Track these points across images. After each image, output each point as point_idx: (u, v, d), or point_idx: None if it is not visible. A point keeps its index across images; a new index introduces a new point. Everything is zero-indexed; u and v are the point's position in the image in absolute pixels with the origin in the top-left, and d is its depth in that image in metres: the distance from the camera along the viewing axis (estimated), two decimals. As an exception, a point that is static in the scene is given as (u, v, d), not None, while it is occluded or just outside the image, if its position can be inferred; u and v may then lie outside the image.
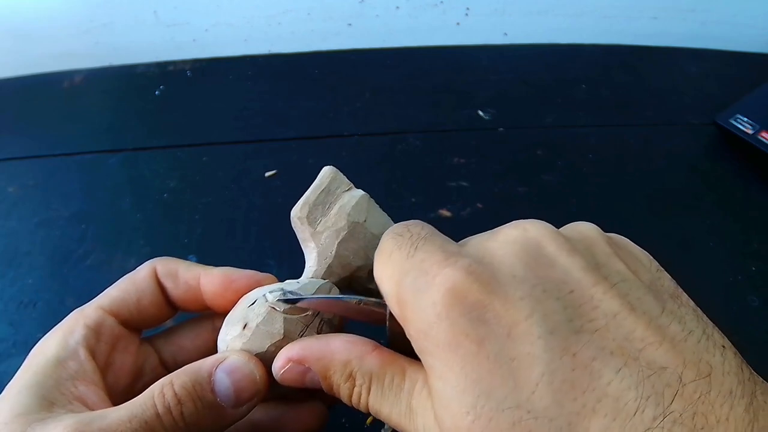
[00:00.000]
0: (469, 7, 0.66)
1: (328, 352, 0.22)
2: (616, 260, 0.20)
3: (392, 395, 0.21)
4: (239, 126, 0.55)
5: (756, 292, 0.42)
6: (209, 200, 0.48)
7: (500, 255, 0.20)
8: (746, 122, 0.51)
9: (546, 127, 0.55)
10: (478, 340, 0.18)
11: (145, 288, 0.27)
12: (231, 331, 0.24)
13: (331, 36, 0.67)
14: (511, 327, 0.18)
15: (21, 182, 0.50)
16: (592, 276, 0.19)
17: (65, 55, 0.64)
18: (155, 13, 0.64)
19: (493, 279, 0.19)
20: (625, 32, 0.66)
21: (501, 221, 0.50)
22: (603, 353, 0.17)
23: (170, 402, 0.22)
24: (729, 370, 0.17)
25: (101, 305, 0.26)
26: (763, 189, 0.49)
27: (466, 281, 0.19)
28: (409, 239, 0.21)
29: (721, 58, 0.63)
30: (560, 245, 0.20)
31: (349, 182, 0.28)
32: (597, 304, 0.18)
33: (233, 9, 0.65)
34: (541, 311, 0.18)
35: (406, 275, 0.20)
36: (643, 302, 0.18)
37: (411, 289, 0.20)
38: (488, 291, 0.18)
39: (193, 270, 0.27)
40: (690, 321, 0.18)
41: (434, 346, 0.19)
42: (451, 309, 0.18)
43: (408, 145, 0.53)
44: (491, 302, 0.18)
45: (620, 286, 0.19)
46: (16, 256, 0.44)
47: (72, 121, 0.56)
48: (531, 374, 0.17)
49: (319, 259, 0.26)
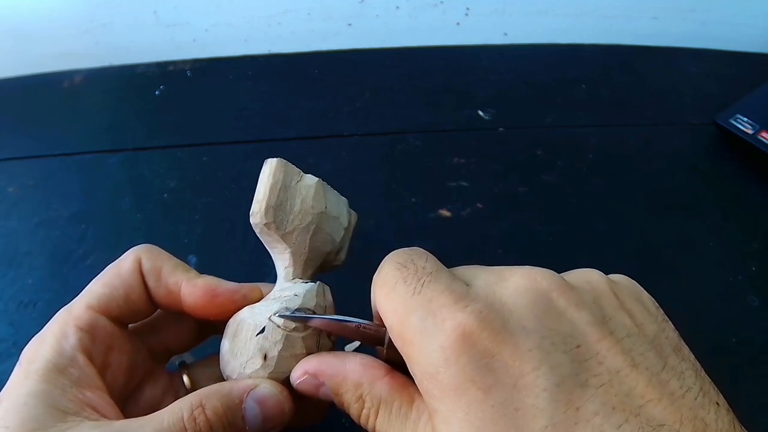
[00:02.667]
0: (469, 7, 0.66)
1: (343, 371, 0.23)
2: (623, 314, 0.20)
3: (398, 423, 0.22)
4: (239, 126, 0.55)
5: (756, 292, 0.42)
6: (209, 200, 0.48)
7: (511, 303, 0.20)
8: (746, 122, 0.51)
9: (546, 127, 0.55)
10: (485, 388, 0.18)
11: (132, 283, 0.26)
12: (250, 365, 0.24)
13: (331, 36, 0.67)
14: (518, 378, 0.18)
15: (21, 182, 0.50)
16: (599, 331, 0.19)
17: (65, 55, 0.64)
18: (155, 13, 0.64)
19: (503, 328, 0.19)
20: (625, 32, 0.66)
21: (501, 221, 0.50)
22: (605, 408, 0.17)
23: (202, 427, 0.22)
24: (722, 428, 0.18)
25: (90, 305, 0.25)
26: (763, 189, 0.49)
27: (477, 328, 0.19)
28: (414, 274, 0.21)
29: (721, 58, 0.63)
30: (569, 299, 0.20)
31: (298, 170, 0.27)
32: (602, 360, 0.18)
33: (233, 9, 0.65)
34: (548, 364, 0.18)
35: (413, 313, 0.20)
36: (646, 358, 0.19)
37: (418, 329, 0.20)
38: (498, 340, 0.19)
39: (176, 275, 0.27)
40: (689, 377, 0.19)
41: (439, 390, 0.19)
42: (459, 355, 0.19)
43: (408, 145, 0.53)
44: (500, 351, 0.18)
45: (625, 342, 0.19)
46: (16, 256, 0.44)
47: (72, 121, 0.56)
48: (534, 426, 0.17)
49: (295, 258, 0.26)
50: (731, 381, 0.39)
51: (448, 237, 0.45)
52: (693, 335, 0.40)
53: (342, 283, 0.29)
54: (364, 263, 0.26)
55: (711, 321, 0.40)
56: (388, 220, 0.46)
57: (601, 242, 0.45)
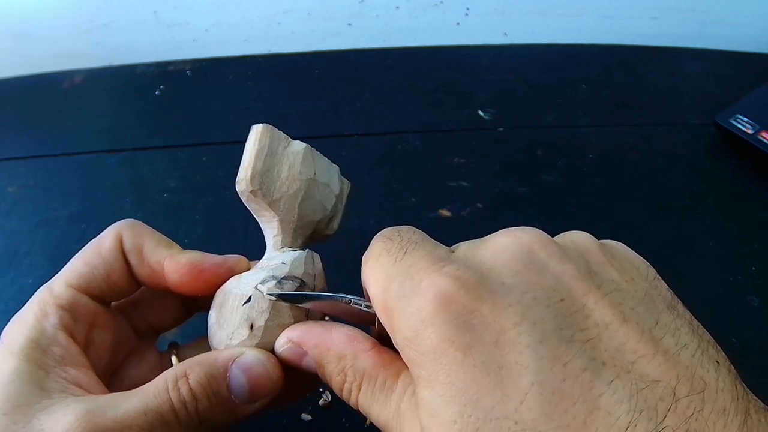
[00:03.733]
0: (469, 7, 0.66)
1: (327, 342, 0.22)
2: (610, 269, 0.20)
3: (382, 397, 0.21)
4: (239, 126, 0.54)
5: (756, 292, 0.42)
6: (209, 200, 0.48)
7: (490, 262, 0.19)
8: (746, 122, 0.51)
9: (546, 127, 0.55)
10: (465, 347, 0.17)
11: (113, 262, 0.26)
12: (236, 335, 0.24)
13: (331, 36, 0.67)
14: (499, 334, 0.17)
15: (21, 182, 0.50)
16: (584, 284, 0.18)
17: (65, 55, 0.64)
18: (155, 13, 0.64)
19: (480, 285, 0.18)
20: (625, 32, 0.66)
21: (501, 221, 0.50)
22: (594, 364, 0.17)
23: (185, 396, 0.21)
24: (723, 387, 0.17)
25: (70, 283, 0.25)
26: (763, 189, 0.49)
27: (452, 287, 0.18)
28: (398, 243, 0.21)
29: (721, 58, 0.63)
30: (552, 252, 0.19)
31: (286, 136, 0.26)
32: (588, 314, 0.18)
33: (233, 9, 0.65)
34: (530, 319, 0.17)
35: (393, 280, 0.20)
36: (637, 313, 0.18)
37: (397, 294, 0.19)
38: (476, 297, 0.18)
39: (159, 252, 0.26)
40: (685, 334, 0.18)
41: (420, 354, 0.18)
42: (436, 315, 0.18)
43: (408, 145, 0.53)
44: (478, 308, 0.18)
45: (613, 296, 0.18)
46: (16, 256, 0.44)
47: (72, 121, 0.56)
48: (520, 384, 0.17)
49: (283, 227, 0.25)
50: (731, 381, 0.39)
51: (448, 237, 0.45)
52: (693, 335, 0.40)
53: (342, 283, 0.29)
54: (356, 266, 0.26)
55: (711, 321, 0.40)
56: (388, 220, 0.46)
57: (601, 242, 0.45)
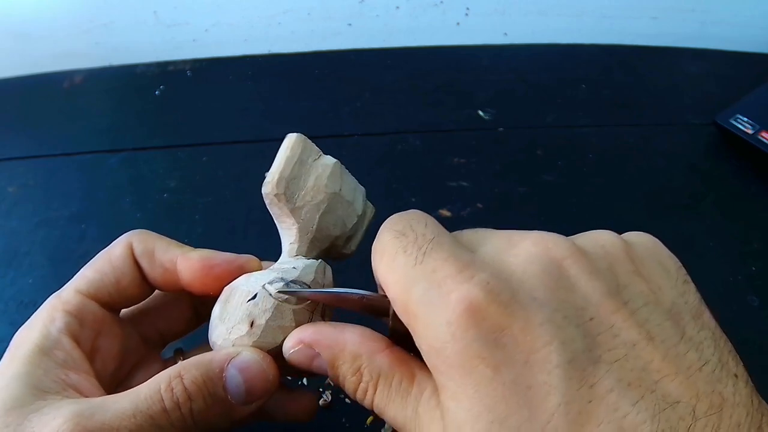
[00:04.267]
0: (469, 7, 0.66)
1: (340, 342, 0.22)
2: (639, 280, 0.19)
3: (399, 398, 0.21)
4: (239, 126, 0.55)
5: (756, 292, 0.42)
6: (209, 200, 0.48)
7: (520, 273, 0.19)
8: (746, 122, 0.51)
9: (546, 127, 0.55)
10: (495, 364, 0.17)
11: (123, 267, 0.26)
12: (236, 331, 0.24)
13: (331, 36, 0.67)
14: (529, 353, 0.17)
15: (21, 182, 0.50)
16: (613, 302, 0.18)
17: (65, 55, 0.64)
18: (155, 13, 0.64)
19: (513, 300, 0.18)
20: (625, 32, 0.66)
21: (501, 221, 0.50)
22: (620, 385, 0.17)
23: (179, 397, 0.21)
24: (739, 401, 0.17)
25: (79, 289, 0.25)
26: (763, 189, 0.49)
27: (484, 301, 0.18)
28: (414, 242, 0.20)
29: (721, 58, 0.63)
30: (582, 267, 0.19)
31: (318, 149, 0.26)
32: (617, 333, 0.18)
33: (233, 9, 0.65)
34: (560, 339, 0.17)
35: (416, 285, 0.19)
36: (663, 329, 0.18)
37: (422, 302, 0.19)
38: (508, 313, 0.18)
39: (171, 251, 0.26)
40: (707, 348, 0.18)
41: (447, 366, 0.18)
42: (467, 330, 0.18)
43: (408, 145, 0.53)
44: (510, 325, 0.18)
45: (641, 312, 0.18)
46: (16, 256, 0.44)
47: (72, 121, 0.56)
48: (547, 404, 0.17)
49: (301, 235, 0.26)
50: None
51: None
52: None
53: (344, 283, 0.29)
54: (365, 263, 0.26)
55: (711, 321, 0.40)
56: (388, 220, 0.46)
57: (601, 242, 0.45)
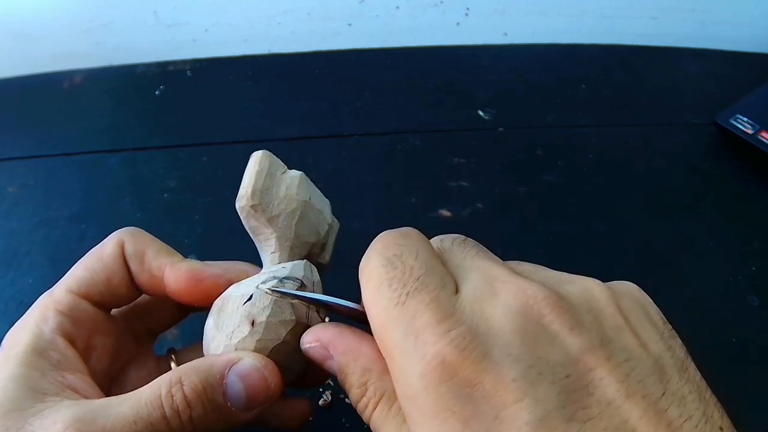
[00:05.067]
0: (469, 7, 0.66)
1: (355, 352, 0.22)
2: (626, 333, 0.19)
3: (395, 422, 0.21)
4: (239, 126, 0.55)
5: (756, 292, 0.42)
6: (209, 200, 0.48)
7: (498, 327, 0.19)
8: (746, 122, 0.51)
9: (546, 127, 0.55)
10: (464, 418, 0.17)
11: (114, 266, 0.26)
12: (237, 334, 0.24)
13: (331, 36, 0.67)
14: (500, 409, 0.17)
15: (21, 182, 0.50)
16: (594, 357, 0.18)
17: (65, 55, 0.64)
18: (155, 13, 0.64)
19: (486, 356, 0.18)
20: (625, 32, 0.66)
21: (501, 221, 0.50)
22: None
23: (179, 405, 0.21)
24: None
25: (71, 288, 0.25)
26: (763, 189, 0.49)
27: (458, 357, 0.18)
28: (401, 277, 0.20)
29: (721, 58, 0.63)
30: (564, 322, 0.19)
31: (283, 164, 0.27)
32: (592, 391, 0.17)
33: (233, 9, 0.65)
34: (533, 396, 0.17)
35: (395, 328, 0.19)
36: (645, 385, 0.18)
37: (399, 347, 0.19)
38: (480, 369, 0.18)
39: (160, 258, 0.26)
40: (691, 402, 0.18)
41: (418, 414, 0.18)
42: (439, 384, 0.18)
43: (408, 145, 0.53)
44: (482, 381, 0.18)
45: (623, 367, 0.18)
46: (16, 256, 0.44)
47: (72, 121, 0.56)
48: None
49: (280, 243, 0.26)
50: (730, 381, 0.39)
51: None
52: (693, 335, 0.40)
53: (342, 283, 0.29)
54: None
55: (711, 321, 0.40)
56: (388, 220, 0.46)
57: (601, 242, 0.45)
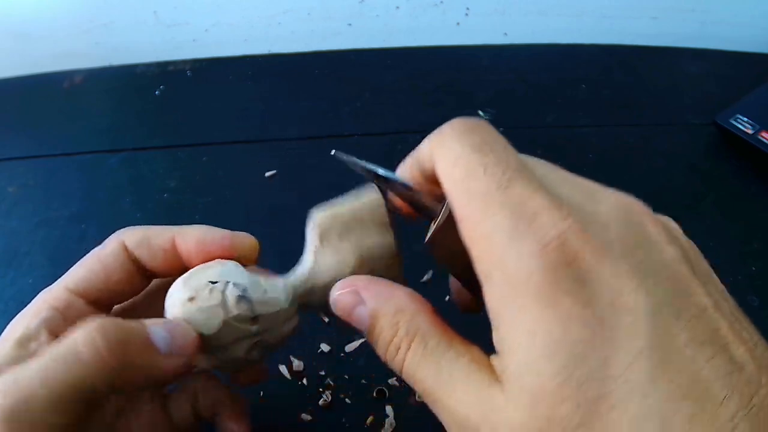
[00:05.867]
0: (469, 7, 0.66)
1: (388, 294, 0.22)
2: (702, 261, 0.21)
3: (433, 359, 0.20)
4: (239, 126, 0.55)
5: (756, 292, 0.42)
6: (209, 200, 0.48)
7: (608, 222, 0.19)
8: (746, 122, 0.51)
9: (546, 127, 0.55)
10: (582, 301, 0.17)
11: (113, 264, 0.26)
12: (178, 295, 0.24)
13: (331, 36, 0.67)
14: (616, 296, 0.17)
15: (21, 182, 0.50)
16: (686, 269, 0.19)
17: (65, 55, 0.64)
18: (155, 13, 0.64)
19: (604, 245, 0.18)
20: (625, 32, 0.66)
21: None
22: (696, 342, 0.17)
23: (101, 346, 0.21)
24: None
25: (68, 286, 0.25)
26: (763, 189, 0.49)
27: (579, 240, 0.18)
28: (497, 164, 0.20)
29: (721, 58, 0.63)
30: (660, 231, 0.20)
31: (387, 223, 0.26)
32: (691, 295, 0.18)
33: (233, 9, 0.65)
34: (646, 288, 0.18)
35: (499, 210, 0.19)
36: (723, 306, 0.19)
37: (504, 228, 0.18)
38: (599, 256, 0.18)
39: (166, 233, 0.26)
40: (753, 333, 0.19)
41: (525, 296, 0.18)
42: (558, 265, 0.18)
43: (408, 145, 0.52)
44: (599, 268, 0.18)
45: (707, 285, 0.19)
46: (16, 256, 0.44)
47: (72, 121, 0.56)
48: (631, 347, 0.17)
49: (306, 271, 0.26)
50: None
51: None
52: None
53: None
54: None
55: (711, 321, 0.40)
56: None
57: (601, 242, 0.45)
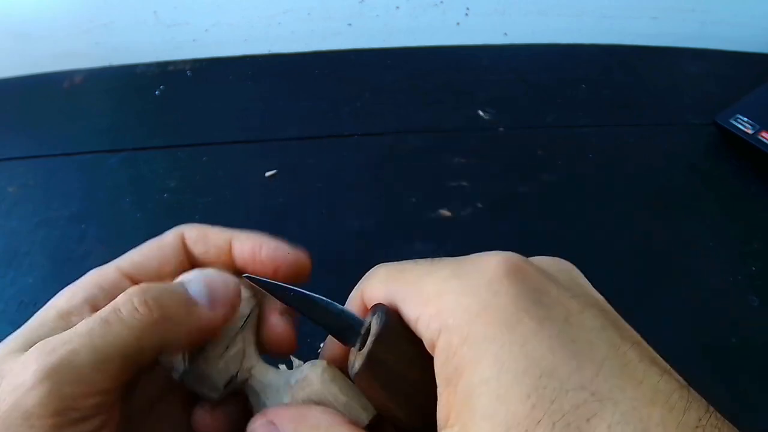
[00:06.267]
0: (469, 7, 0.66)
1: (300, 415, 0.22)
2: None
3: None
4: (239, 126, 0.55)
5: (756, 292, 0.42)
6: (209, 200, 0.48)
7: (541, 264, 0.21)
8: (746, 122, 0.51)
9: (546, 127, 0.55)
10: (539, 319, 0.18)
11: (170, 253, 0.26)
12: None
13: (331, 36, 0.67)
14: (569, 314, 0.18)
15: (21, 182, 0.50)
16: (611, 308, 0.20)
17: (65, 55, 0.64)
18: (155, 13, 0.64)
19: (545, 271, 0.20)
20: (625, 32, 0.66)
21: (501, 221, 0.50)
22: (646, 360, 0.18)
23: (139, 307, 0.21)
24: None
25: (120, 267, 0.25)
26: (763, 189, 0.49)
27: (524, 264, 0.19)
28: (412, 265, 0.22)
29: (721, 58, 0.63)
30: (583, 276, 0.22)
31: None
32: (626, 329, 0.19)
33: (233, 9, 0.65)
34: (590, 310, 0.19)
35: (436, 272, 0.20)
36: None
37: (452, 277, 0.20)
38: (544, 278, 0.19)
39: (225, 234, 0.27)
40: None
41: (487, 325, 0.18)
42: (511, 286, 0.19)
43: (408, 145, 0.53)
44: (549, 288, 0.19)
45: None
46: (16, 256, 0.44)
47: (72, 121, 0.56)
48: (595, 356, 0.17)
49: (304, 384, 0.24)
50: (731, 380, 0.39)
51: (448, 237, 0.45)
52: (693, 335, 0.40)
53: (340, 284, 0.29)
54: (365, 263, 0.26)
55: (711, 321, 0.40)
56: (388, 220, 0.46)
57: (601, 242, 0.45)
